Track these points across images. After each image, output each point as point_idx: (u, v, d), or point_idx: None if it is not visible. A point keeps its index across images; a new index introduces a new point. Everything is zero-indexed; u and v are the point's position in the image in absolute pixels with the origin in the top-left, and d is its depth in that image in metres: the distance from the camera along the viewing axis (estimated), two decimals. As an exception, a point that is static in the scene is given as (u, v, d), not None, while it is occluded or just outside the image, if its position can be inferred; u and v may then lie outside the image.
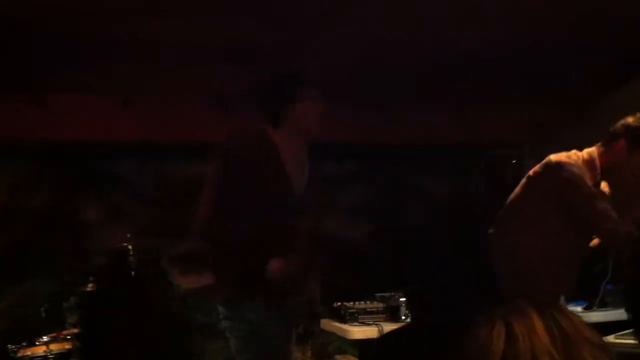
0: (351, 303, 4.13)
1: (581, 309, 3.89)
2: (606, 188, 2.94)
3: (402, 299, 4.01)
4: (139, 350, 4.18)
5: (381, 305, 4.08)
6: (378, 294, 4.19)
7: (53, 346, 3.92)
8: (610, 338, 2.92)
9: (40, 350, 3.88)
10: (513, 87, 4.80)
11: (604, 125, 2.94)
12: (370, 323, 3.86)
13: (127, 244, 4.34)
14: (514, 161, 5.49)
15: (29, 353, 3.87)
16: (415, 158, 5.61)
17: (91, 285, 4.24)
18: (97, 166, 5.10)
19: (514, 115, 5.27)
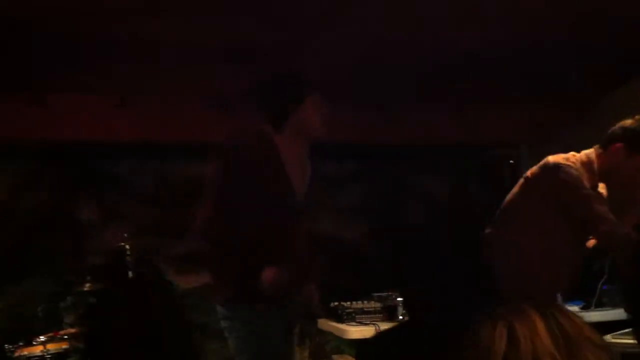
0: (348, 303, 4.14)
1: (578, 309, 3.90)
2: (604, 190, 2.94)
3: (399, 299, 4.02)
4: (137, 350, 4.18)
5: (378, 305, 4.08)
6: (375, 294, 4.19)
7: (50, 346, 3.90)
8: (607, 338, 2.93)
9: (37, 350, 3.87)
10: (513, 87, 4.80)
11: (604, 125, 2.95)
12: (367, 323, 3.87)
13: (125, 244, 4.34)
14: (511, 161, 5.50)
15: (26, 353, 3.86)
16: (415, 158, 5.61)
17: (88, 285, 4.24)
18: (97, 166, 5.09)
19: (514, 115, 5.26)
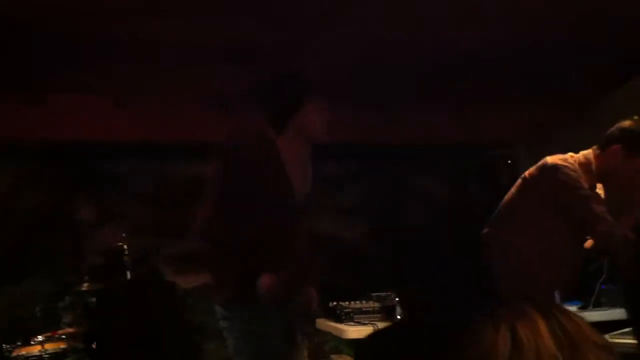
0: (347, 303, 4.13)
1: (576, 309, 3.90)
2: (602, 191, 2.94)
3: (397, 299, 4.02)
4: (136, 349, 4.18)
5: (377, 304, 4.08)
6: (374, 294, 4.19)
7: (48, 345, 3.91)
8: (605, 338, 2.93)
9: (35, 349, 3.88)
10: (513, 87, 4.80)
11: (604, 125, 2.95)
12: (366, 323, 3.87)
13: (123, 244, 4.34)
14: (509, 161, 5.50)
15: (24, 352, 3.86)
16: (415, 158, 5.61)
17: (86, 284, 4.24)
18: (97, 166, 5.10)
19: (514, 115, 5.26)
